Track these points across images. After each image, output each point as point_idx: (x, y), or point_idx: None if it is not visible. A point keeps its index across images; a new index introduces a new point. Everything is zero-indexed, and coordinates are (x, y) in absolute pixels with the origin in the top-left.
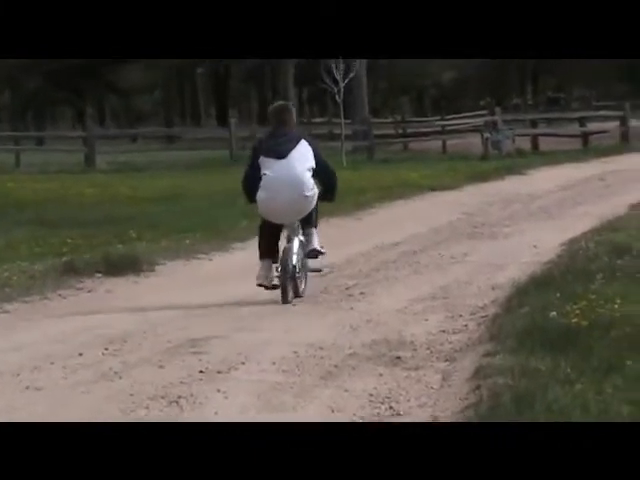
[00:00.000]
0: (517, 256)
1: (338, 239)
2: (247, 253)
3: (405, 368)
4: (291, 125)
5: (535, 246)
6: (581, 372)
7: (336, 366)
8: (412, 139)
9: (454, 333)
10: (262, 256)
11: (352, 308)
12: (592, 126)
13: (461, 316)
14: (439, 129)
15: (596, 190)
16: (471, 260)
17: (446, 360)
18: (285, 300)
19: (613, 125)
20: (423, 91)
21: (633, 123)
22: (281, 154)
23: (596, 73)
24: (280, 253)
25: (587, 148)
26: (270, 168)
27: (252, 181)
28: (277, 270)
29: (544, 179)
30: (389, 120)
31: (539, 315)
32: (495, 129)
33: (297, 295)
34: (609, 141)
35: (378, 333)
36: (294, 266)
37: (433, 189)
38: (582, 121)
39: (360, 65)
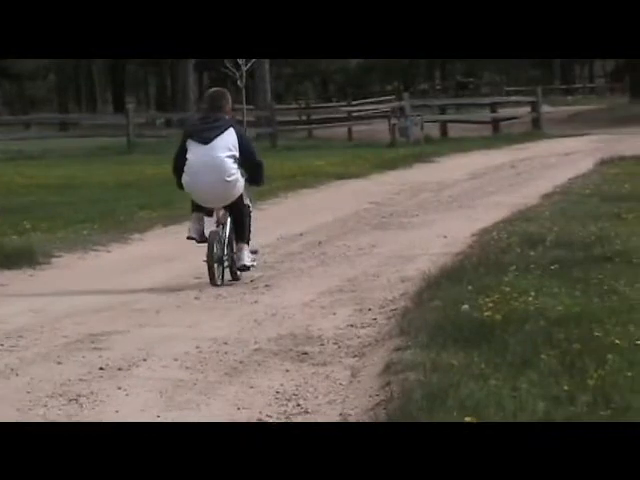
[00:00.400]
0: (427, 247)
1: None
2: (146, 245)
3: (313, 364)
4: (225, 111)
5: (445, 237)
6: (495, 367)
7: (241, 362)
8: (317, 126)
9: (363, 327)
10: (194, 210)
11: (257, 302)
12: (503, 112)
13: (370, 310)
14: (345, 115)
15: (507, 178)
16: (379, 251)
17: (355, 355)
18: (213, 282)
19: (524, 111)
20: (328, 76)
21: (545, 109)
22: (206, 140)
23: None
24: (208, 235)
25: (498, 135)
26: (194, 152)
27: (180, 163)
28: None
29: (454, 167)
30: (293, 106)
31: (451, 309)
32: (403, 115)
33: (235, 278)
34: (520, 127)
35: (284, 328)
36: (221, 251)
37: (339, 177)
38: (493, 107)
39: None
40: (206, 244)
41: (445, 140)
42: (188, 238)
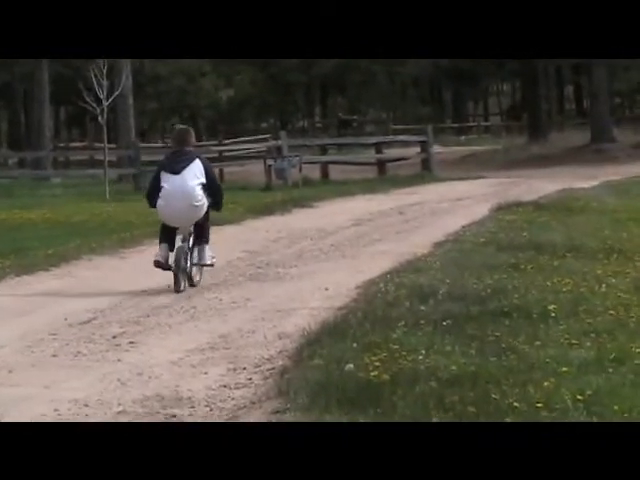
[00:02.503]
0: (307, 301)
1: (100, 282)
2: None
3: None
4: (189, 145)
5: (327, 289)
6: None
7: None
8: None
9: (237, 388)
10: (161, 241)
11: (120, 360)
12: (390, 153)
13: (245, 369)
14: (216, 155)
15: (395, 225)
16: (254, 305)
17: (229, 419)
18: (177, 288)
19: (413, 152)
20: (197, 112)
21: (436, 149)
22: (177, 171)
23: (392, 93)
24: (174, 250)
25: (384, 177)
26: (167, 182)
27: (154, 191)
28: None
29: (336, 213)
30: (159, 145)
31: (334, 368)
32: (279, 156)
33: (192, 284)
34: (409, 170)
35: (150, 388)
36: (185, 262)
37: (210, 224)
38: (378, 147)
39: (126, 82)
40: (165, 271)
41: (326, 183)
42: (155, 263)
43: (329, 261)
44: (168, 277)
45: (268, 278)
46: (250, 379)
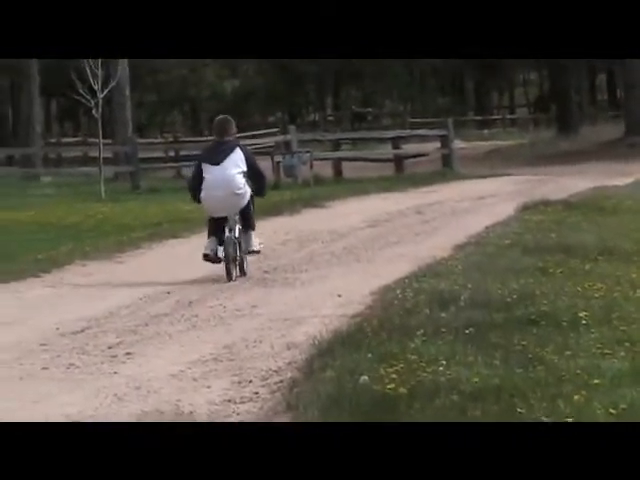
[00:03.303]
0: (318, 308)
1: (94, 288)
2: None
3: None
4: (231, 135)
5: (340, 296)
6: None
7: None
8: (186, 163)
9: (242, 403)
10: (210, 235)
11: (116, 372)
12: (407, 148)
13: (251, 382)
14: None
15: (413, 227)
16: (261, 313)
17: None
18: (230, 278)
19: (433, 147)
20: (199, 104)
21: (457, 144)
22: (217, 161)
23: (410, 84)
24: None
25: (401, 175)
26: (208, 173)
27: (196, 184)
28: (222, 251)
29: (349, 213)
30: (158, 140)
31: (347, 380)
32: (289, 152)
33: (243, 273)
34: (428, 166)
35: (149, 403)
36: (235, 252)
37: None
38: (395, 142)
39: (122, 72)
40: (214, 264)
41: (339, 181)
42: (204, 255)
43: (342, 265)
44: (170, 281)
45: (276, 284)
46: (256, 393)
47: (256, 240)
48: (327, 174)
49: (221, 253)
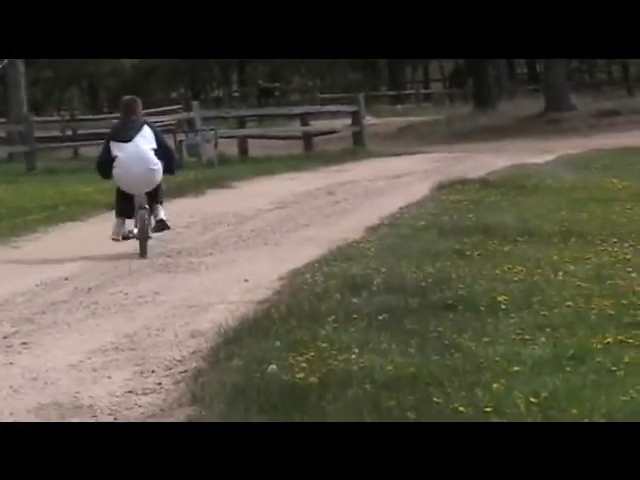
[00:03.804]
0: (224, 294)
1: None
2: None
3: None
4: (138, 114)
5: (246, 280)
6: None
7: None
8: (85, 142)
9: (145, 394)
10: (117, 215)
11: (12, 363)
12: (317, 125)
13: (154, 372)
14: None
15: (324, 208)
16: (164, 300)
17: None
18: (143, 254)
19: (343, 124)
20: (98, 81)
21: (369, 121)
22: (128, 138)
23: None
24: (135, 217)
25: (311, 153)
26: (121, 150)
27: (106, 161)
28: (130, 228)
29: (256, 194)
30: (55, 118)
31: (255, 369)
32: (192, 130)
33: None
34: (339, 144)
35: (47, 395)
36: (148, 228)
37: (112, 208)
38: (304, 118)
39: None
40: (125, 240)
41: (245, 160)
42: (112, 239)
43: (249, 249)
44: (68, 267)
45: (179, 269)
46: (159, 384)
47: (163, 211)
48: (233, 153)
49: (131, 228)
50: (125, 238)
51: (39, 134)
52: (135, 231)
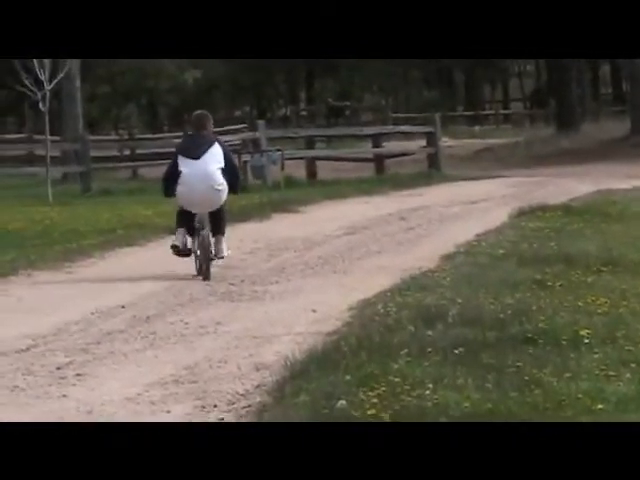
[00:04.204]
0: (290, 324)
1: (41, 302)
2: None
3: None
4: (209, 130)
5: (314, 311)
6: None
7: None
8: (143, 163)
9: None
10: (179, 226)
11: (65, 395)
12: (390, 146)
13: (215, 407)
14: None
15: (396, 234)
16: (227, 330)
17: None
18: (206, 277)
19: (417, 145)
20: (157, 97)
21: (445, 142)
22: (196, 155)
23: (392, 75)
24: (196, 238)
25: (383, 176)
26: (187, 166)
27: (171, 177)
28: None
29: (325, 219)
30: (112, 137)
31: (322, 405)
32: (257, 150)
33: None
34: (413, 167)
35: None
36: (209, 249)
37: (173, 232)
38: (376, 139)
39: (72, 62)
40: (182, 257)
41: (313, 183)
42: (174, 248)
43: (317, 277)
44: (125, 294)
45: (243, 297)
46: (221, 419)
47: (225, 245)
48: (300, 175)
49: (191, 245)
50: (184, 252)
51: (95, 153)
52: (198, 252)
